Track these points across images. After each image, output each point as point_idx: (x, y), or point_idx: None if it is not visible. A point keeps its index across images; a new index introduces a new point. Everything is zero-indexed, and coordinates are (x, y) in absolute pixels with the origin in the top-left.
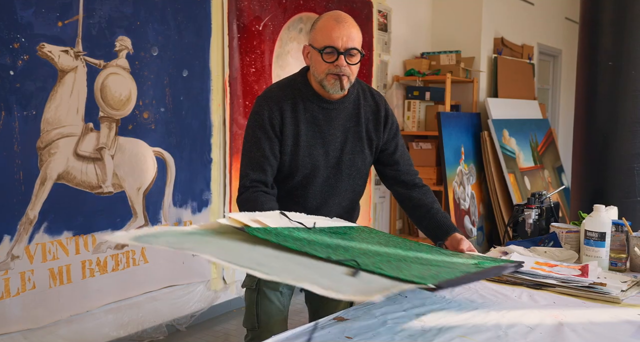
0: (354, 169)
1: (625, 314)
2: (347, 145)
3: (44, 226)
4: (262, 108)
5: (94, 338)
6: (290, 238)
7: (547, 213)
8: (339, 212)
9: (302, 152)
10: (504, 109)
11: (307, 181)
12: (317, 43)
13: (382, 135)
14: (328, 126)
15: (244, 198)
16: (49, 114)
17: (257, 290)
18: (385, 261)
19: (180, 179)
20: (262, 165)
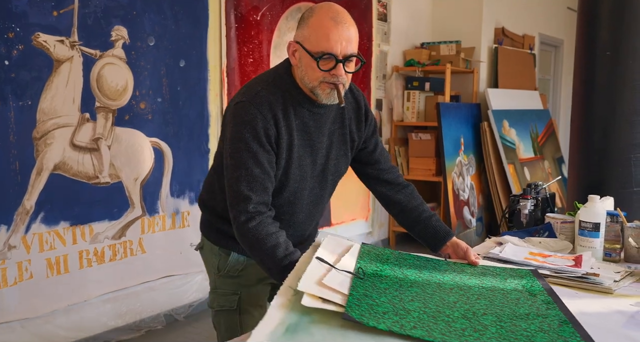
0: (337, 175)
1: (617, 304)
2: (333, 150)
3: (41, 216)
4: (255, 117)
5: (92, 327)
6: (405, 317)
7: (543, 204)
8: (319, 219)
9: (294, 164)
10: (504, 99)
11: (295, 196)
12: (310, 46)
13: (363, 135)
14: (317, 133)
15: (250, 231)
16: (45, 104)
17: (239, 310)
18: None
19: (178, 169)
20: (264, 184)
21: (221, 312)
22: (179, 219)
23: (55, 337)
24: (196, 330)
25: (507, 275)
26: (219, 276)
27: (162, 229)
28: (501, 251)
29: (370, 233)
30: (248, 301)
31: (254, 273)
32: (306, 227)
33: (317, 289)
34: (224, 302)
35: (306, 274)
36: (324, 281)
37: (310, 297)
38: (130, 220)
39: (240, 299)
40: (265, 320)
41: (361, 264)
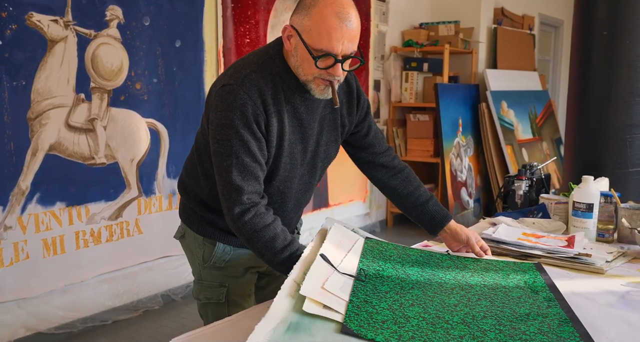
0: (327, 161)
1: (608, 284)
2: (323, 137)
3: (37, 197)
4: (245, 102)
5: (89, 308)
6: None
7: (537, 184)
8: (304, 206)
9: (285, 152)
10: (503, 80)
11: (284, 185)
12: (310, 40)
13: (354, 119)
14: (308, 119)
15: (247, 224)
16: (39, 85)
17: (227, 302)
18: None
19: (174, 150)
20: (255, 174)
21: (208, 305)
22: (176, 200)
23: (52, 317)
24: (193, 310)
25: (510, 270)
26: (204, 267)
27: (159, 210)
28: (494, 232)
29: (367, 214)
30: (236, 292)
31: (241, 263)
32: (293, 216)
33: (319, 293)
34: (211, 295)
35: (309, 274)
36: (326, 286)
37: (311, 302)
38: (126, 201)
39: (228, 291)
40: (268, 316)
41: (363, 264)
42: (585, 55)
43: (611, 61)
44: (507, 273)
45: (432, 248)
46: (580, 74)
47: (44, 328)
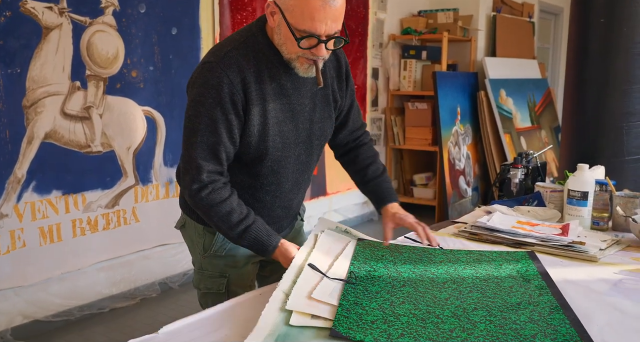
0: (323, 139)
1: (601, 272)
2: (317, 113)
3: (33, 185)
4: (221, 80)
5: (86, 295)
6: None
7: (533, 173)
8: (306, 187)
9: (272, 132)
10: (501, 68)
11: (278, 165)
12: (293, 20)
13: (345, 94)
14: (297, 96)
15: (203, 199)
16: (34, 72)
17: (227, 292)
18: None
19: (171, 138)
20: (218, 154)
21: (208, 294)
22: (173, 189)
23: (49, 304)
24: (191, 298)
25: (503, 260)
26: (204, 256)
27: (156, 198)
28: (489, 220)
29: (365, 203)
30: (236, 282)
31: (241, 253)
32: (293, 197)
33: (306, 304)
34: (211, 285)
35: (297, 286)
36: (314, 295)
37: (298, 314)
38: (123, 189)
39: (228, 281)
40: (256, 330)
41: (355, 266)
42: (583, 42)
43: (608, 49)
44: (499, 263)
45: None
46: (577, 62)
47: (41, 316)
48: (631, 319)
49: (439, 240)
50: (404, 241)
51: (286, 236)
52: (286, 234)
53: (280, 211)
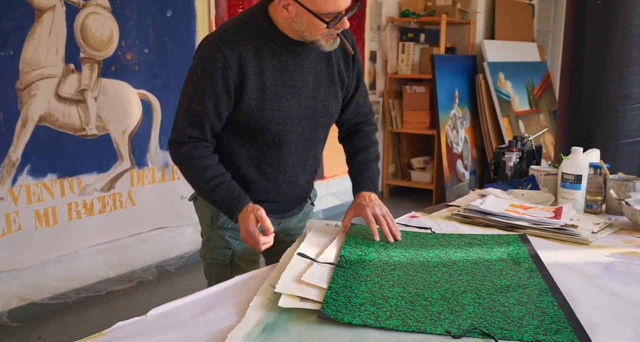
0: (329, 117)
1: (592, 255)
2: (321, 91)
3: (28, 168)
4: (215, 55)
5: (83, 278)
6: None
7: (528, 156)
8: (314, 165)
9: (270, 106)
10: (500, 51)
11: (280, 139)
12: (314, 6)
13: (352, 74)
14: (298, 72)
15: (182, 154)
16: (28, 55)
17: (231, 264)
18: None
19: (167, 122)
20: (200, 123)
21: (213, 265)
22: (169, 172)
23: (46, 287)
24: (187, 281)
25: (494, 243)
26: (212, 228)
27: (152, 181)
28: (482, 203)
29: None
30: (240, 255)
31: None
32: (298, 173)
33: (295, 287)
34: (216, 256)
35: (286, 272)
36: (303, 278)
37: (287, 297)
38: (119, 172)
39: (232, 253)
40: (244, 321)
41: (346, 250)
42: (579, 24)
43: (605, 31)
44: (491, 247)
45: (419, 219)
46: (573, 44)
47: (37, 298)
48: (619, 302)
49: (432, 223)
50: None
51: (295, 216)
52: (295, 215)
53: (286, 187)
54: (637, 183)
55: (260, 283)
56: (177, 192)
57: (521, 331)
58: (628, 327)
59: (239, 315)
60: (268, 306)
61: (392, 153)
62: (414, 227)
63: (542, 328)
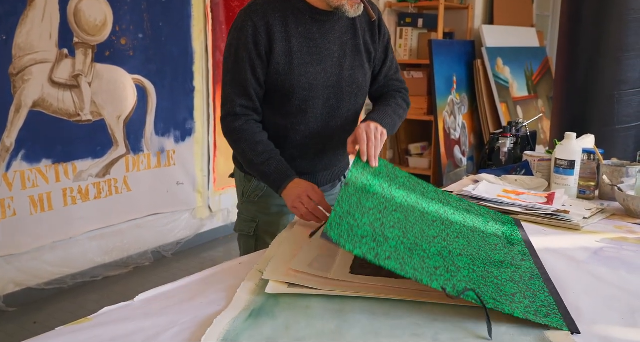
0: (355, 87)
1: (583, 240)
2: (346, 61)
3: (22, 154)
4: (245, 23)
5: (79, 264)
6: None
7: (522, 142)
8: (343, 138)
9: (297, 71)
10: (499, 36)
11: (306, 104)
12: None
13: (379, 46)
14: (324, 40)
15: (236, 128)
16: (21, 39)
17: (256, 236)
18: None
19: (162, 107)
20: (247, 90)
21: (242, 236)
22: (165, 158)
23: (41, 272)
24: (184, 267)
25: (491, 218)
26: (242, 201)
27: (148, 167)
28: (474, 189)
29: None
30: (264, 228)
31: (272, 202)
32: (325, 142)
33: (283, 273)
34: (243, 227)
35: (275, 259)
36: (292, 266)
37: (275, 283)
38: (114, 158)
39: (257, 226)
40: (230, 307)
41: (352, 174)
42: (576, 8)
43: (601, 15)
44: (487, 220)
45: None
46: (570, 28)
47: (33, 284)
48: (606, 286)
49: None
50: None
51: (326, 192)
52: (325, 192)
53: (313, 155)
54: (631, 169)
55: (249, 269)
56: (173, 178)
57: (513, 307)
58: (615, 312)
59: (227, 301)
60: (256, 292)
61: (389, 139)
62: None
63: (532, 309)
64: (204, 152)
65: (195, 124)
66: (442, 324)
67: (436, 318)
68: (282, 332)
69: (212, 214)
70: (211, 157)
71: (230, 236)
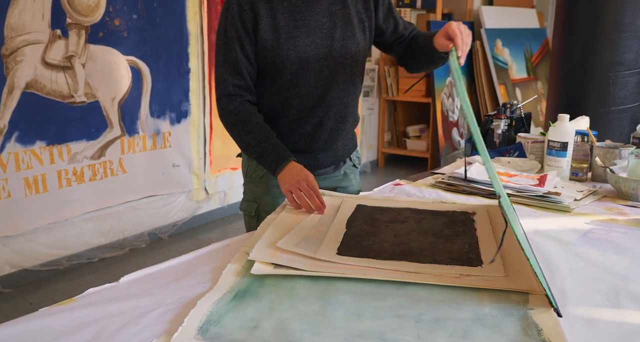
0: (349, 57)
1: (572, 222)
2: (337, 31)
3: (15, 136)
4: (231, 3)
5: (75, 245)
6: None
7: (517, 124)
8: (341, 110)
9: (285, 46)
10: (498, 17)
11: (298, 78)
12: None
13: (375, 14)
14: (311, 12)
15: (231, 110)
16: (12, 20)
17: (257, 216)
18: None
19: (157, 89)
20: (239, 70)
21: (245, 216)
22: (160, 140)
23: (37, 254)
24: (180, 249)
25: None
26: (246, 182)
27: (143, 149)
28: (467, 171)
29: None
30: (264, 208)
31: (273, 182)
32: (321, 115)
33: (269, 254)
34: (246, 207)
35: (261, 240)
36: (278, 244)
37: (261, 264)
38: (109, 140)
39: (258, 206)
40: (215, 288)
41: (453, 65)
42: None
43: None
44: None
45: (403, 187)
46: (566, 9)
47: (29, 265)
48: (593, 268)
49: (416, 191)
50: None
51: (329, 176)
52: (327, 173)
53: (311, 129)
54: (623, 150)
55: (236, 251)
56: (169, 160)
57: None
58: (599, 294)
59: (213, 282)
60: (242, 273)
61: (387, 121)
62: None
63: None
64: (200, 134)
65: (191, 106)
66: (426, 305)
67: (420, 300)
68: (265, 314)
69: (209, 196)
70: (207, 139)
71: (227, 218)
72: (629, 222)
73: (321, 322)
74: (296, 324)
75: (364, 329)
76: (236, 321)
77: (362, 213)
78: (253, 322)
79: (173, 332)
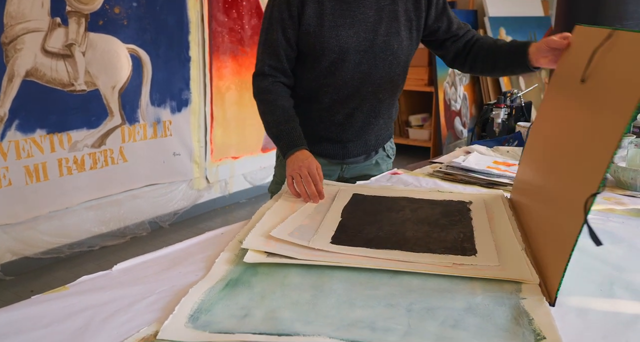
0: (390, 53)
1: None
2: (382, 26)
3: (16, 124)
4: None
5: (75, 233)
6: None
7: (517, 113)
8: (375, 105)
9: (327, 33)
10: (502, 5)
11: (336, 67)
12: None
13: (426, 14)
14: (358, 4)
15: (262, 88)
16: (12, 8)
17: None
18: None
19: (158, 77)
20: (276, 51)
21: (272, 197)
22: (161, 128)
23: (38, 242)
24: (181, 237)
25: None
26: (277, 164)
27: (144, 138)
28: (464, 160)
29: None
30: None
31: None
32: (354, 106)
33: (263, 242)
34: (274, 189)
35: (255, 228)
36: (272, 233)
37: (254, 252)
38: (109, 128)
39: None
40: (208, 276)
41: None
42: None
43: None
44: None
45: (400, 176)
46: None
47: (30, 253)
48: (589, 258)
49: (413, 180)
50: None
51: (358, 164)
52: (358, 162)
53: (342, 118)
54: (623, 140)
55: (231, 239)
56: (170, 148)
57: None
58: (593, 283)
59: (206, 271)
60: (234, 262)
61: None
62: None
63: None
64: (201, 123)
65: (192, 94)
66: (419, 294)
67: (412, 289)
68: (257, 302)
69: (210, 185)
70: (208, 128)
71: (228, 207)
72: (626, 211)
73: (312, 311)
74: (287, 313)
75: (354, 318)
76: (227, 309)
77: (358, 202)
78: (244, 310)
79: (164, 320)
